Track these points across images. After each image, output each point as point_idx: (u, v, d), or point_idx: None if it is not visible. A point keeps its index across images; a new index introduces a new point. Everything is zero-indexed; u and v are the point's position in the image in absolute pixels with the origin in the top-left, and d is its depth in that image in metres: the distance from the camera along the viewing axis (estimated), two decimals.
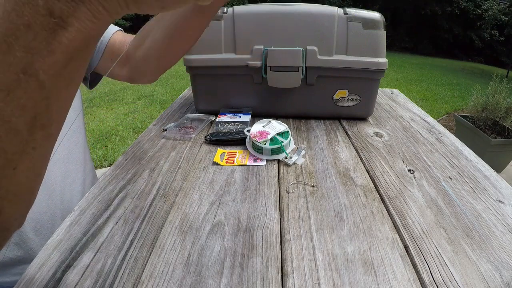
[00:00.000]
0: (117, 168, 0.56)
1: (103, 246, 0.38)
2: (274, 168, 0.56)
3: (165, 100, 3.82)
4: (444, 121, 3.49)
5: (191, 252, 0.38)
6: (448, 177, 0.54)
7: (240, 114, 0.75)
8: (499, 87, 2.37)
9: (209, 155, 0.60)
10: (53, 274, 0.35)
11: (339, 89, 0.74)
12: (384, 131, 0.72)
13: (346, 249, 0.38)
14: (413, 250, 0.38)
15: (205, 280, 0.34)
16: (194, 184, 0.51)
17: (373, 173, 0.55)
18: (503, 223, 0.43)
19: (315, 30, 0.69)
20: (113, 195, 0.48)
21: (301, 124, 0.76)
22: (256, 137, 0.60)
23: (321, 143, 0.66)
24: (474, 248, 0.39)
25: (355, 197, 0.48)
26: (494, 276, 0.35)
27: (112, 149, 2.56)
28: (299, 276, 0.35)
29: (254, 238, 0.40)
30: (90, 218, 0.43)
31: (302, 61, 0.70)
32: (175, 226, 0.42)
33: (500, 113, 2.32)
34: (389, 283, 0.34)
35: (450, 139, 0.69)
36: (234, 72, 0.73)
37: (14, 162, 0.20)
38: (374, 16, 0.70)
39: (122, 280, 0.34)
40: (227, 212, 0.45)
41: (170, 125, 0.72)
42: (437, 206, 0.47)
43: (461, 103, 4.18)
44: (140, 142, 0.66)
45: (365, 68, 0.70)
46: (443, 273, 0.35)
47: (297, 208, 0.46)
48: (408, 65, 7.04)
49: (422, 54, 9.60)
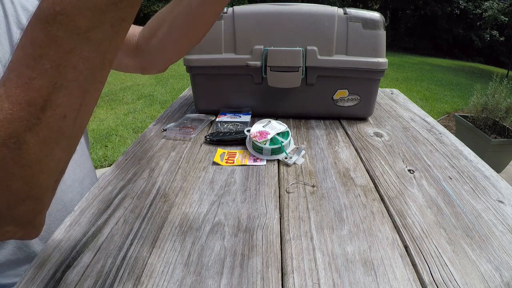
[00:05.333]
0: (117, 168, 0.56)
1: (103, 246, 0.38)
2: (274, 168, 0.56)
3: (165, 100, 3.82)
4: (444, 121, 3.49)
5: (191, 252, 0.38)
6: (448, 177, 0.54)
7: (240, 114, 0.75)
8: (499, 87, 2.37)
9: (209, 155, 0.60)
10: (53, 274, 0.35)
11: (339, 89, 0.74)
12: (384, 131, 0.72)
13: (346, 249, 0.38)
14: (413, 250, 0.38)
15: (205, 280, 0.34)
16: (194, 184, 0.51)
17: (373, 173, 0.55)
18: (503, 223, 0.43)
19: (315, 30, 0.69)
20: (113, 195, 0.48)
21: (301, 124, 0.76)
22: (256, 137, 0.60)
23: (321, 143, 0.66)
24: (474, 248, 0.39)
25: (355, 197, 0.48)
26: (494, 276, 0.35)
27: (112, 149, 2.56)
28: (299, 276, 0.35)
29: (254, 238, 0.40)
30: (90, 218, 0.43)
31: (302, 61, 0.70)
32: (175, 226, 0.42)
33: (500, 113, 2.32)
34: (389, 283, 0.34)
35: (450, 139, 0.69)
36: (234, 72, 0.73)
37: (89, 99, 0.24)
38: (374, 16, 0.70)
39: (122, 280, 0.34)
40: (227, 212, 0.45)
41: (170, 125, 0.72)
42: (437, 206, 0.47)
43: (461, 103, 4.18)
44: (140, 142, 0.66)
45: (365, 68, 0.70)
46: (443, 273, 0.35)
47: (297, 208, 0.46)
48: (408, 65, 7.04)
49: (422, 54, 9.60)
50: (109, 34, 0.21)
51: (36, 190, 0.24)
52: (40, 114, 0.21)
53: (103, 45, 0.21)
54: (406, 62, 7.47)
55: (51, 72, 0.20)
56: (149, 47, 0.53)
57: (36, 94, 0.20)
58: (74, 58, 0.20)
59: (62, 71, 0.20)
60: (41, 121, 0.21)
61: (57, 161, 0.24)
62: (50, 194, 0.26)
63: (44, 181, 0.24)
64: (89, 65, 0.21)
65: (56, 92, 0.20)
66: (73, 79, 0.21)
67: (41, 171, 0.23)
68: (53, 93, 0.20)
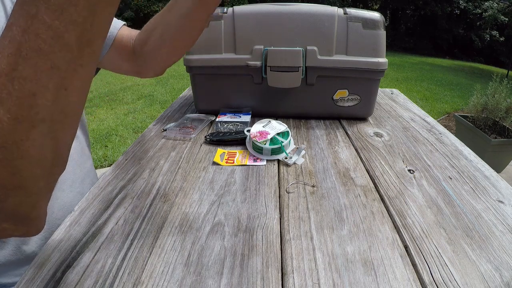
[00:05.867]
0: (117, 168, 0.56)
1: (103, 246, 0.38)
2: (274, 168, 0.56)
3: (165, 100, 3.82)
4: (444, 121, 3.49)
5: (191, 252, 0.38)
6: (448, 177, 0.54)
7: (240, 114, 0.75)
8: (499, 87, 2.37)
9: (209, 155, 0.60)
10: (53, 274, 0.35)
11: (339, 89, 0.74)
12: (384, 131, 0.72)
13: (346, 249, 0.38)
14: (413, 250, 0.38)
15: (205, 280, 0.34)
16: (194, 184, 0.51)
17: (373, 173, 0.55)
18: (503, 223, 0.43)
19: (315, 30, 0.69)
20: (113, 195, 0.48)
21: (301, 124, 0.76)
22: (256, 137, 0.60)
23: (321, 143, 0.66)
24: (474, 248, 0.39)
25: (355, 197, 0.48)
26: (494, 276, 0.35)
27: (112, 149, 2.56)
28: (299, 276, 0.35)
29: (254, 238, 0.40)
30: (90, 218, 0.43)
31: (302, 61, 0.70)
32: (175, 226, 0.42)
33: (500, 113, 2.32)
34: (389, 283, 0.34)
35: (450, 139, 0.69)
36: (234, 72, 0.73)
37: (67, 81, 0.22)
38: (374, 16, 0.70)
39: (122, 280, 0.34)
40: (227, 212, 0.45)
41: (170, 125, 0.72)
42: (437, 206, 0.47)
43: (461, 103, 4.18)
44: (140, 142, 0.66)
45: (365, 68, 0.70)
46: (443, 273, 0.35)
47: (297, 208, 0.46)
48: (408, 65, 7.04)
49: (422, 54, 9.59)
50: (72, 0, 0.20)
51: (19, 179, 0.23)
52: (10, 87, 0.21)
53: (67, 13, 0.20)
54: (406, 62, 7.47)
55: (18, 39, 0.20)
56: (143, 52, 0.53)
57: (5, 62, 0.20)
58: (37, 24, 0.20)
59: (27, 37, 0.20)
60: (11, 96, 0.21)
61: (40, 147, 0.23)
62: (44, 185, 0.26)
63: (25, 168, 0.23)
64: (53, 34, 0.20)
65: (22, 61, 0.20)
66: (36, 47, 0.20)
67: (21, 157, 0.23)
68: (19, 63, 0.20)
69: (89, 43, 0.22)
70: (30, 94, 0.21)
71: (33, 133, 0.22)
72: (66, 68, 0.22)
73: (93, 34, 0.22)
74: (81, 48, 0.22)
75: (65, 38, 0.21)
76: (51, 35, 0.20)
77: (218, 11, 0.71)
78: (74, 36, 0.21)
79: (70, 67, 0.22)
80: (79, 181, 0.62)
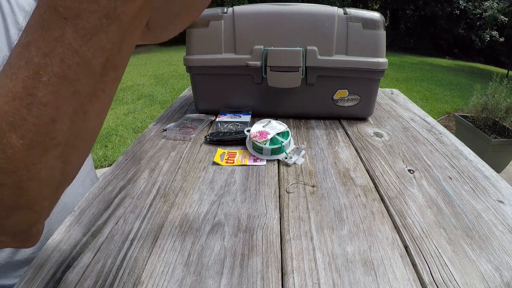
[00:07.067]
0: (117, 168, 0.56)
1: (103, 246, 0.38)
2: (274, 168, 0.56)
3: (165, 100, 3.82)
4: (444, 121, 3.49)
5: (191, 252, 0.38)
6: (448, 177, 0.54)
7: (240, 114, 0.75)
8: (499, 87, 2.37)
9: (209, 155, 0.60)
10: (53, 274, 0.35)
11: (339, 89, 0.74)
12: (384, 131, 0.72)
13: (346, 249, 0.38)
14: (413, 250, 0.38)
15: (205, 280, 0.34)
16: (194, 184, 0.51)
17: (373, 173, 0.55)
18: (503, 223, 0.43)
19: (315, 30, 0.69)
20: (113, 195, 0.48)
21: (301, 124, 0.76)
22: (256, 137, 0.60)
23: (321, 143, 0.66)
24: (474, 248, 0.39)
25: (355, 197, 0.48)
26: (494, 276, 0.35)
27: (112, 149, 2.57)
28: (299, 276, 0.35)
29: (254, 238, 0.40)
30: (90, 218, 0.43)
31: (302, 61, 0.70)
32: (175, 226, 0.42)
33: (500, 113, 2.32)
34: (389, 283, 0.34)
35: (450, 139, 0.69)
36: (234, 72, 0.73)
37: (86, 107, 0.21)
38: (374, 16, 0.70)
39: (122, 280, 0.34)
40: (227, 212, 0.45)
41: (170, 125, 0.72)
42: (437, 206, 0.47)
43: (461, 103, 4.18)
44: (140, 142, 0.66)
45: (365, 68, 0.70)
46: (443, 273, 0.35)
47: (297, 208, 0.46)
48: (408, 65, 7.04)
49: (422, 54, 9.59)
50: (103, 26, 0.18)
51: (26, 199, 0.22)
52: (25, 112, 0.19)
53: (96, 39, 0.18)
54: (406, 62, 7.47)
55: (36, 62, 0.18)
56: None
57: (20, 85, 0.18)
58: (61, 49, 0.18)
59: (48, 62, 0.18)
60: (26, 122, 0.19)
61: (50, 169, 0.22)
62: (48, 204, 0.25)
63: (34, 190, 0.22)
64: (79, 61, 0.19)
65: (42, 87, 0.19)
66: (61, 74, 0.19)
67: (30, 179, 0.21)
68: (39, 88, 0.19)
69: (114, 68, 0.21)
70: (49, 120, 0.20)
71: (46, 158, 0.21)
72: (87, 93, 0.20)
73: (120, 59, 0.21)
74: (105, 73, 0.21)
75: (92, 65, 0.19)
76: (77, 61, 0.19)
77: (218, 11, 0.71)
78: (100, 62, 0.20)
79: (90, 91, 0.20)
80: (79, 182, 0.62)
